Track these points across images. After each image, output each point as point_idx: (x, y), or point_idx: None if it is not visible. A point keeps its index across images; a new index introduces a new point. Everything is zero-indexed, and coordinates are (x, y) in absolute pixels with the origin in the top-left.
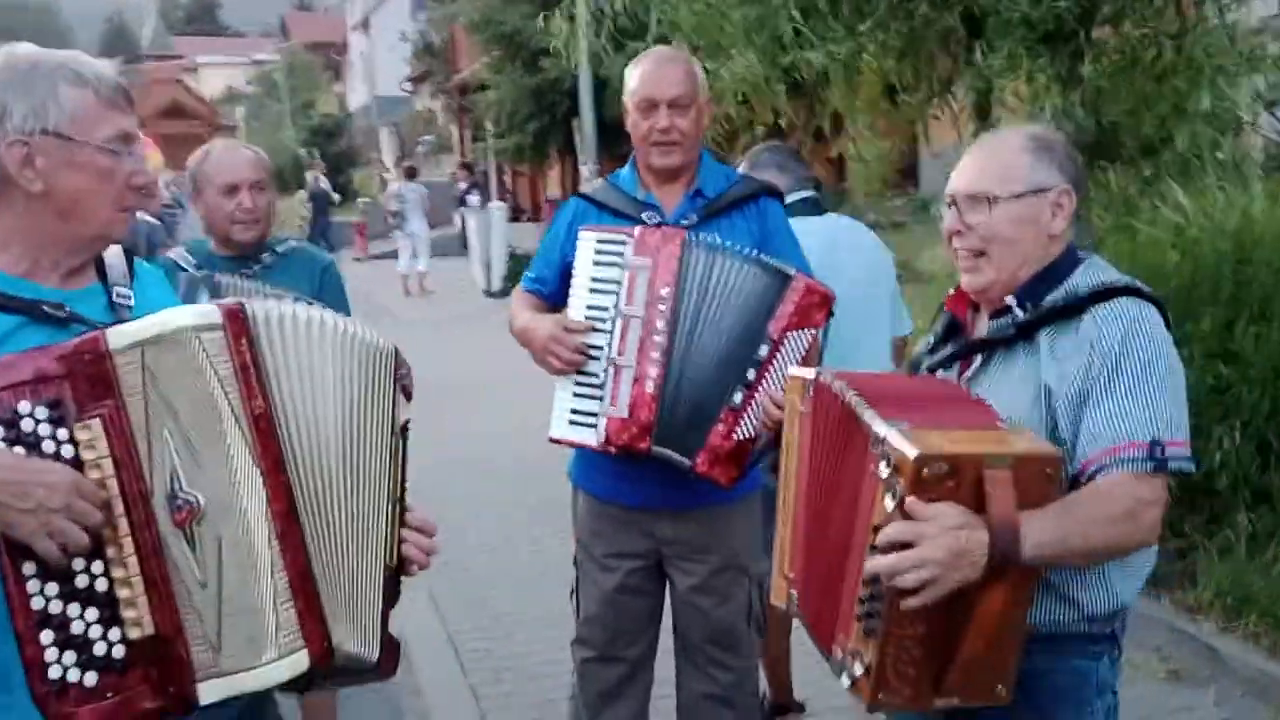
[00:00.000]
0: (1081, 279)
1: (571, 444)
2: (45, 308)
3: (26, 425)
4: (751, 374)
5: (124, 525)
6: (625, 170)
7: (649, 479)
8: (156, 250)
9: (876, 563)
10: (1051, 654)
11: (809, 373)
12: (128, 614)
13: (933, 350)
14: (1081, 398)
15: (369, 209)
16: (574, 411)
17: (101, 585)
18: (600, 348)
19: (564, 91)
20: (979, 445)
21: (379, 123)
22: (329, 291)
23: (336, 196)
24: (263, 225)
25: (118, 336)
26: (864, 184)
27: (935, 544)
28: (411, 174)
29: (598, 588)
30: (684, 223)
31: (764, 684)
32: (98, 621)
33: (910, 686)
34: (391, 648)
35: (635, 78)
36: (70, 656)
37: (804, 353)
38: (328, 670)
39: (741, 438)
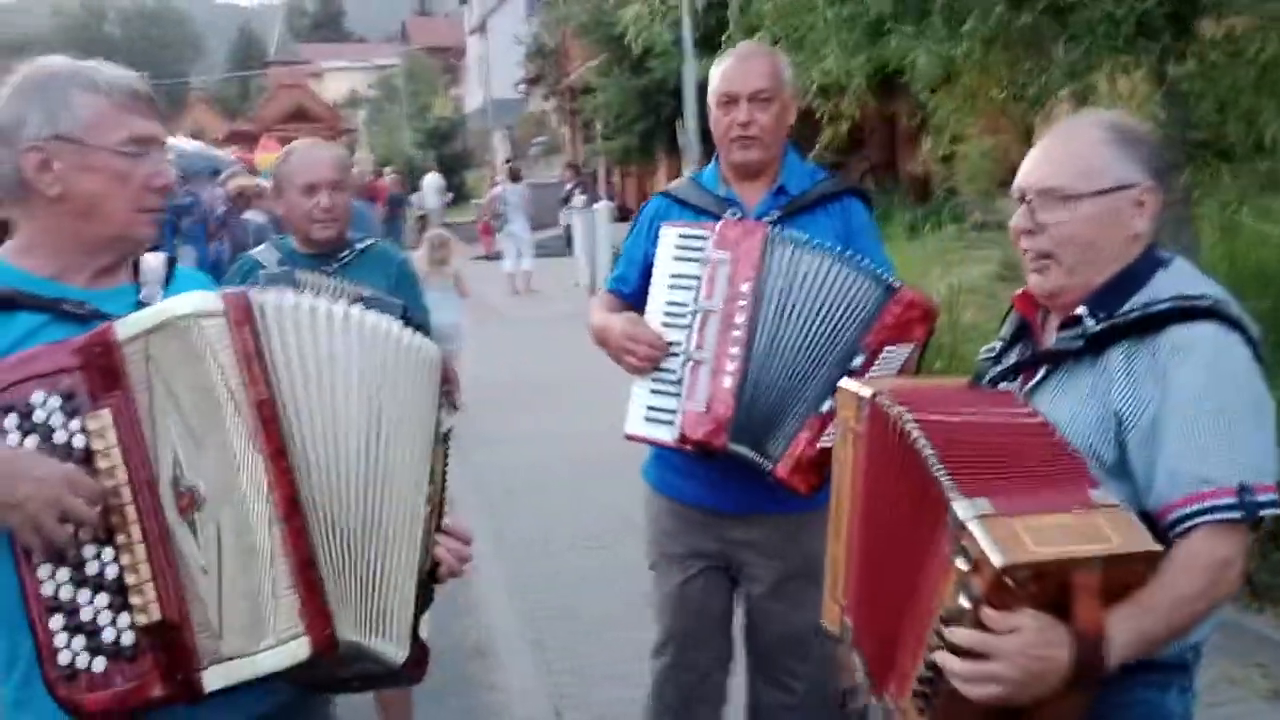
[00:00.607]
0: (1163, 286)
1: (647, 440)
2: (66, 305)
3: (39, 416)
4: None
5: (131, 513)
6: (708, 168)
7: (723, 481)
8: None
9: (948, 663)
10: (1118, 688)
11: (864, 389)
12: (135, 600)
13: (998, 357)
14: (1155, 429)
15: (480, 210)
16: (650, 408)
17: (111, 572)
18: (679, 344)
19: (670, 93)
20: (1069, 545)
21: (493, 125)
22: (404, 287)
23: (448, 195)
24: (341, 224)
25: (124, 327)
26: (969, 182)
27: (1011, 665)
28: (515, 176)
29: (669, 587)
30: (765, 219)
31: None
32: (107, 608)
33: None
34: (422, 652)
35: (717, 74)
36: (80, 642)
37: (899, 367)
38: (342, 665)
39: (826, 446)
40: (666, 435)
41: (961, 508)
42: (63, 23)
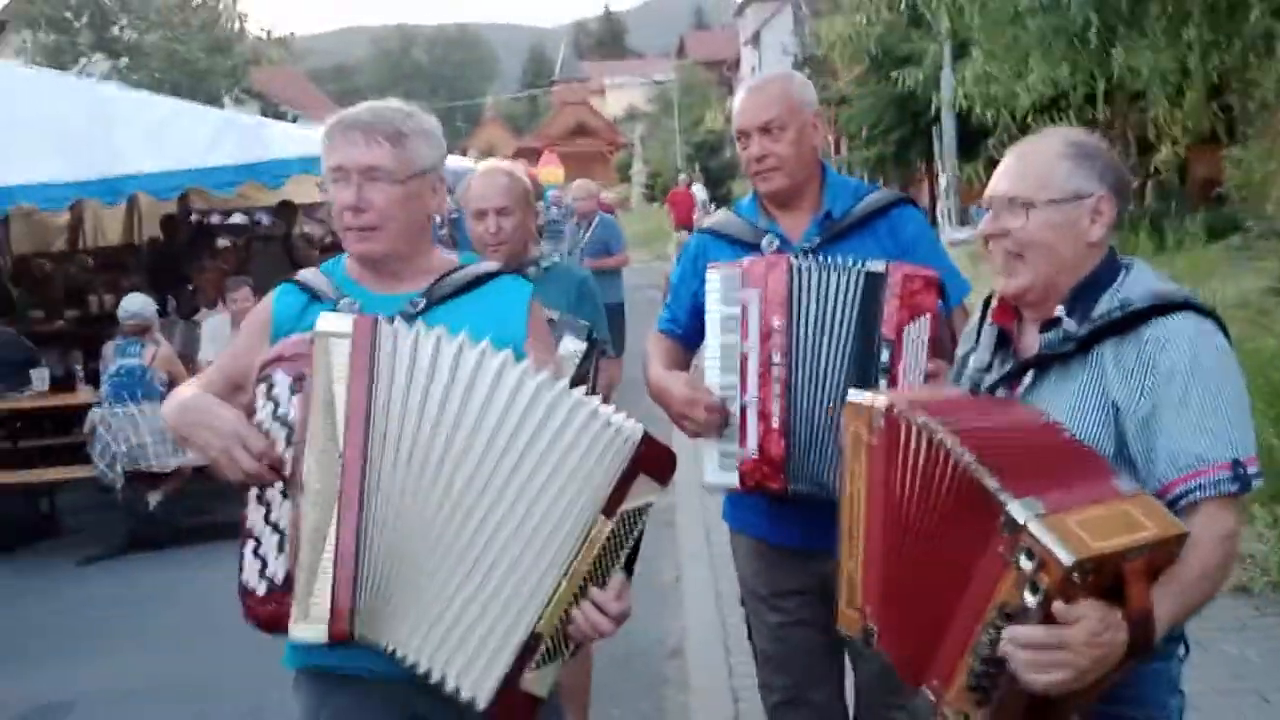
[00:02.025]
0: (1132, 288)
1: (722, 488)
2: (342, 302)
3: (276, 391)
4: (883, 384)
5: (290, 477)
6: (747, 199)
7: (803, 519)
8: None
9: (1016, 657)
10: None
11: (876, 400)
12: (287, 549)
13: (988, 367)
14: (1151, 416)
15: None
16: (722, 455)
17: (282, 520)
18: (731, 388)
19: (926, 100)
20: (1120, 537)
21: None
22: (585, 303)
23: (712, 206)
24: (509, 246)
25: (317, 325)
26: (1237, 190)
27: (1081, 652)
28: None
29: (770, 629)
30: (805, 247)
31: None
32: (276, 547)
33: None
34: (515, 704)
35: (733, 109)
36: (255, 566)
37: (928, 339)
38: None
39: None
40: (735, 482)
41: (1017, 510)
42: (378, 50)
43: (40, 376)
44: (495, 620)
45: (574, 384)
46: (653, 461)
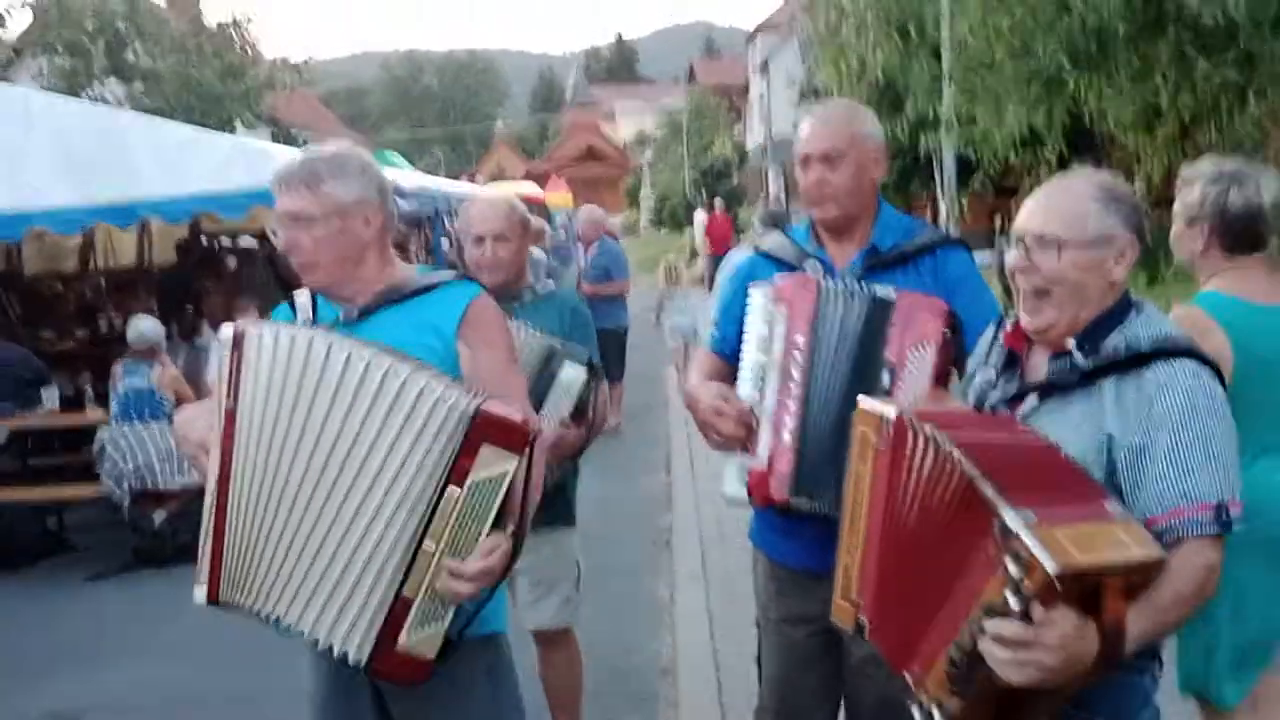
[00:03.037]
0: (1140, 329)
1: (738, 501)
2: (306, 316)
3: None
4: None
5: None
6: (802, 224)
7: (823, 540)
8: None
9: (992, 653)
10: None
11: (887, 409)
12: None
13: (994, 384)
14: (1143, 451)
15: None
16: (740, 468)
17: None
18: (757, 404)
19: (929, 129)
20: (1104, 553)
21: (770, 162)
22: (577, 328)
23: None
24: (505, 271)
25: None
26: None
27: (1052, 653)
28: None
29: (777, 651)
30: (847, 276)
31: None
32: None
33: None
34: (399, 663)
35: (799, 134)
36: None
37: (932, 366)
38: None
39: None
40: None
41: (1011, 518)
42: (388, 74)
43: (50, 395)
44: (355, 586)
45: (576, 412)
46: (496, 432)
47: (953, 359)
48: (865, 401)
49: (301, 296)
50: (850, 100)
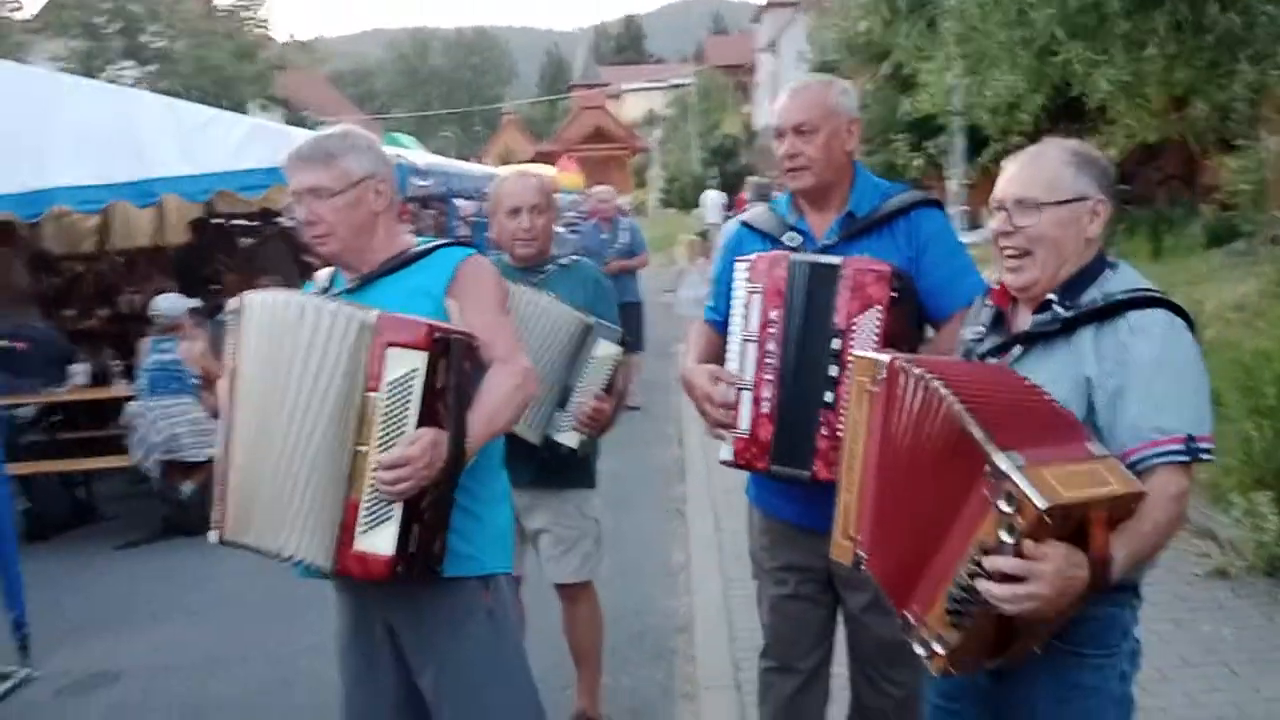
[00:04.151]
0: (1115, 283)
1: (734, 466)
2: (321, 286)
3: None
4: (834, 370)
5: None
6: (783, 197)
7: (813, 498)
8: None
9: (990, 590)
10: (1089, 603)
11: (881, 355)
12: None
13: (981, 339)
14: (1120, 391)
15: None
16: (734, 437)
17: None
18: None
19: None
20: (1088, 489)
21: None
22: (600, 298)
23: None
24: (540, 242)
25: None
26: (1233, 196)
27: (1046, 583)
28: (761, 193)
29: (771, 600)
30: (824, 244)
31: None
32: None
33: (976, 659)
34: (357, 559)
35: (774, 109)
36: None
37: (879, 328)
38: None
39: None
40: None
41: (1002, 460)
42: (395, 54)
43: (79, 371)
44: (313, 503)
45: (608, 386)
46: (398, 334)
47: (909, 319)
48: (860, 351)
49: (322, 272)
50: (826, 76)
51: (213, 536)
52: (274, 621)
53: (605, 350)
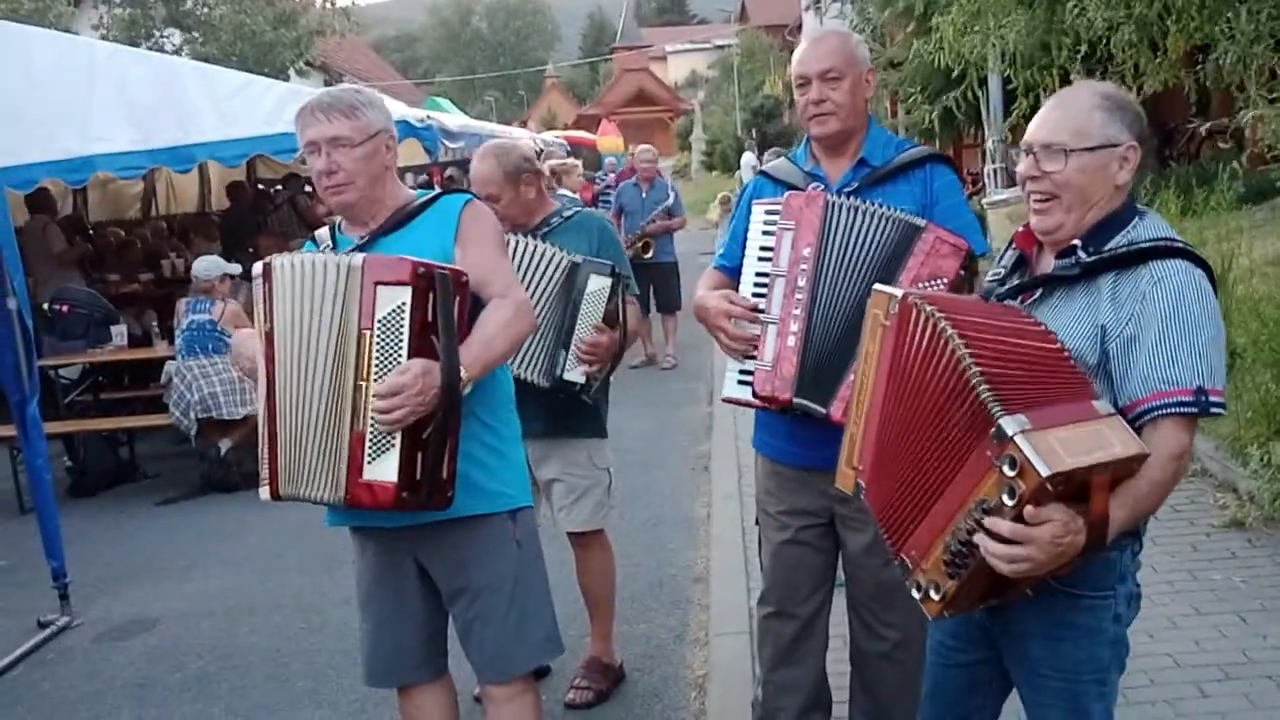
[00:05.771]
0: (1141, 230)
1: (738, 402)
2: (326, 245)
3: None
4: None
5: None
6: (800, 147)
7: (821, 440)
8: None
9: (988, 547)
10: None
11: (894, 290)
12: None
13: (1003, 281)
14: (1134, 341)
15: None
16: (741, 372)
17: None
18: (764, 311)
19: (976, 64)
20: (1092, 453)
21: None
22: (606, 244)
23: None
24: (507, 221)
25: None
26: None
27: (1043, 549)
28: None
29: (772, 545)
30: (845, 190)
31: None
32: None
33: (969, 604)
34: (367, 488)
35: (794, 59)
36: None
37: None
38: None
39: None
40: (749, 395)
41: (1008, 423)
42: (437, 18)
43: (119, 333)
44: (327, 443)
45: (607, 319)
46: (383, 272)
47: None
48: (879, 286)
49: (321, 231)
50: (840, 27)
51: (264, 493)
52: (307, 574)
53: (596, 284)
